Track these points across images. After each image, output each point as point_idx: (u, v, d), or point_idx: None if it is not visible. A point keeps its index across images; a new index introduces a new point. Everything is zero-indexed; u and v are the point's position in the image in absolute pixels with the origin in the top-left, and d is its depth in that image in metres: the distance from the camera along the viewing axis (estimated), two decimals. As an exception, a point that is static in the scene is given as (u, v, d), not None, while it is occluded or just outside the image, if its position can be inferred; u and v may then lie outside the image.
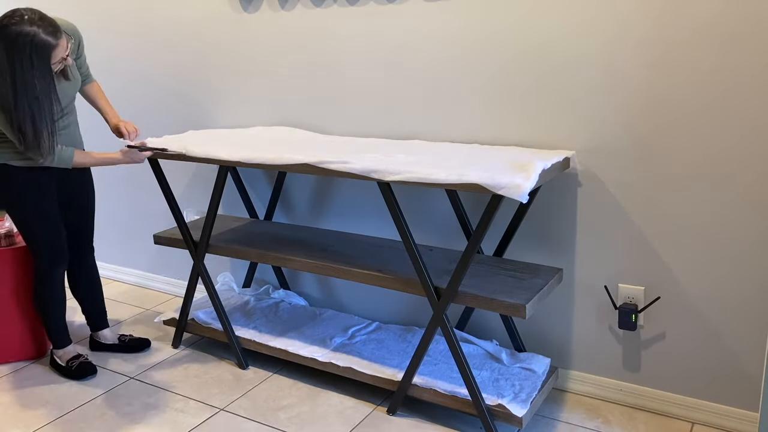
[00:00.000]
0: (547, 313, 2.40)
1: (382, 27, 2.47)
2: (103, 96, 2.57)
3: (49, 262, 2.47)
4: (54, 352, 2.65)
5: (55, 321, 2.58)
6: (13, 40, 2.03)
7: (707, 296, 2.11)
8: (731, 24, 1.90)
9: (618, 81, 2.09)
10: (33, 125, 2.13)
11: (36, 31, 2.04)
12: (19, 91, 2.08)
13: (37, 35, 2.05)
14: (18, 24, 2.03)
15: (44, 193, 2.38)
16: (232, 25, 2.84)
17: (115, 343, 2.79)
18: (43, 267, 2.48)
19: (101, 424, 2.29)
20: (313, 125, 2.74)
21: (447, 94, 2.40)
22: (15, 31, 2.03)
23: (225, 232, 2.70)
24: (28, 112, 2.11)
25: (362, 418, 2.27)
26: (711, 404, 2.17)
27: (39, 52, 2.07)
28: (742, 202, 2.00)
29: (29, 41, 2.04)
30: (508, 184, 1.81)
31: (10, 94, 2.08)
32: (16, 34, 2.03)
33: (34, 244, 2.44)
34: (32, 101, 2.10)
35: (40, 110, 2.13)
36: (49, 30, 2.08)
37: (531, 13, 2.19)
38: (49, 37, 2.07)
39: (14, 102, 2.09)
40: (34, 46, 2.05)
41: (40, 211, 2.39)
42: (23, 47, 2.04)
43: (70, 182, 2.51)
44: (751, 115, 1.93)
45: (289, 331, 2.64)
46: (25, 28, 2.03)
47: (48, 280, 2.51)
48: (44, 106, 2.14)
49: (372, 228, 2.70)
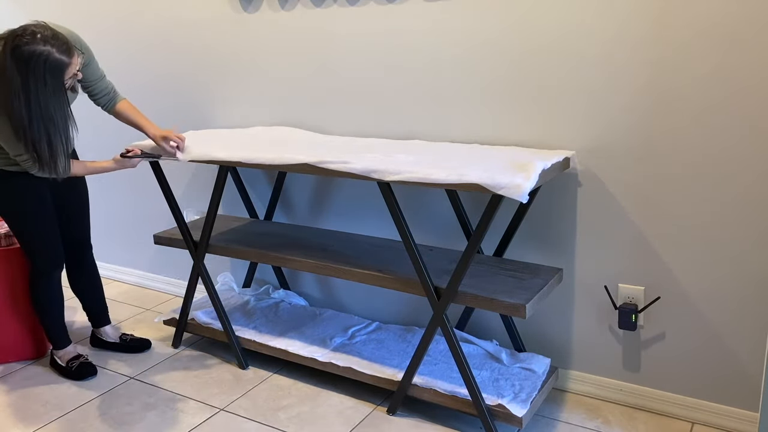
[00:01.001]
0: (547, 313, 2.40)
1: (382, 27, 2.47)
2: (138, 111, 2.47)
3: (46, 265, 2.46)
4: (54, 353, 2.65)
5: (53, 322, 2.58)
6: (26, 61, 1.98)
7: (707, 296, 2.11)
8: (732, 24, 1.90)
9: (618, 81, 2.09)
10: (48, 145, 2.10)
11: (50, 51, 1.99)
12: (34, 110, 2.04)
13: (51, 54, 2.00)
14: (31, 43, 1.98)
15: (39, 197, 2.37)
16: (232, 25, 2.84)
17: (116, 341, 2.80)
18: (40, 270, 2.47)
19: (101, 424, 2.29)
20: (313, 125, 2.74)
21: (447, 94, 2.40)
22: (28, 51, 1.98)
23: (225, 232, 2.70)
24: (43, 132, 2.07)
25: (362, 418, 2.27)
26: (711, 404, 2.17)
27: (53, 72, 2.02)
28: (742, 202, 2.00)
29: (43, 61, 1.99)
30: (508, 184, 1.81)
31: (25, 114, 2.03)
32: (29, 53, 1.98)
33: (30, 247, 2.43)
34: (47, 121, 2.07)
35: (56, 129, 2.09)
36: (63, 48, 2.03)
37: (531, 13, 2.18)
38: (63, 56, 2.03)
39: (29, 122, 2.04)
40: (48, 66, 2.00)
41: (35, 214, 2.38)
42: (37, 67, 1.99)
43: (63, 184, 2.48)
44: (751, 115, 1.93)
45: (289, 331, 2.64)
46: (38, 48, 1.98)
47: (45, 283, 2.50)
48: (59, 125, 2.10)
49: (372, 228, 2.70)
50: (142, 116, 2.45)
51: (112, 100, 2.44)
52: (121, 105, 2.45)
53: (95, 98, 2.42)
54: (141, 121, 2.43)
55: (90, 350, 2.81)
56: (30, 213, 2.37)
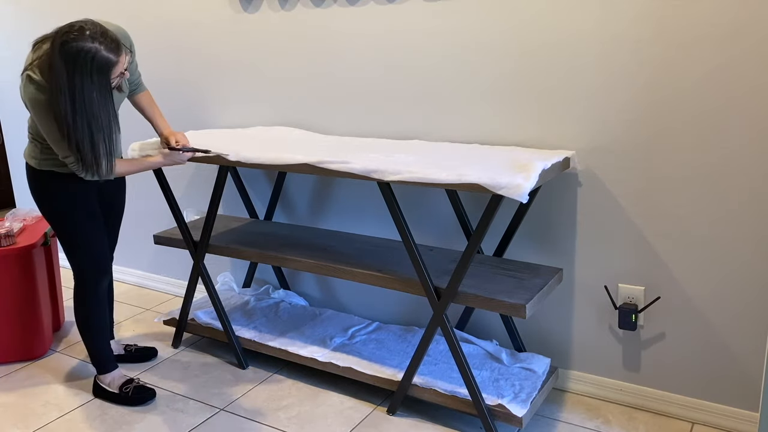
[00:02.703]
0: (547, 313, 2.40)
1: (382, 27, 2.47)
2: (156, 106, 2.43)
3: (95, 274, 2.32)
4: (99, 379, 2.44)
5: (100, 341, 2.41)
6: (74, 57, 1.92)
7: (707, 296, 2.11)
8: (733, 25, 1.90)
9: (618, 81, 2.09)
10: (92, 144, 2.03)
11: (97, 48, 1.93)
12: (78, 109, 1.97)
13: (98, 52, 1.93)
14: (78, 40, 1.92)
15: (89, 201, 2.27)
16: (232, 25, 2.84)
17: (120, 353, 2.68)
18: (88, 279, 2.32)
19: (101, 424, 2.29)
20: (313, 125, 2.74)
21: (447, 94, 2.40)
22: (76, 48, 1.91)
23: (225, 232, 2.70)
24: (86, 131, 2.00)
25: (362, 418, 2.27)
26: (711, 404, 2.17)
27: (99, 70, 1.96)
28: (742, 202, 2.00)
29: (90, 58, 1.93)
30: (508, 184, 1.81)
31: (69, 112, 1.96)
32: (77, 50, 1.92)
33: (78, 255, 2.29)
34: (91, 119, 2.00)
35: (99, 128, 2.02)
36: (111, 46, 1.97)
37: (531, 14, 2.18)
38: (111, 54, 1.96)
39: (72, 120, 1.97)
40: (95, 64, 1.94)
41: (86, 220, 2.26)
42: (84, 64, 1.93)
43: (109, 186, 2.37)
44: (751, 115, 1.93)
45: (289, 331, 2.64)
46: (86, 45, 1.92)
47: (93, 294, 2.34)
48: (103, 124, 2.03)
49: (372, 228, 2.70)
50: (159, 112, 2.42)
51: (136, 90, 2.38)
52: (142, 95, 2.40)
53: None
54: (156, 117, 2.40)
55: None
56: (79, 216, 2.25)
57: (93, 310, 2.36)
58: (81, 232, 2.26)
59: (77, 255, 2.29)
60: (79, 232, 2.26)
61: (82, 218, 2.25)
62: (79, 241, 2.27)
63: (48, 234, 2.85)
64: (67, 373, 2.65)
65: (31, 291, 2.71)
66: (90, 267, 2.31)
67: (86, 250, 2.28)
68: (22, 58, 3.65)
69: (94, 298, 2.34)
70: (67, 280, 3.64)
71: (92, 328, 2.38)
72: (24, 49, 3.64)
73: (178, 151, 2.29)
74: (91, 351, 2.41)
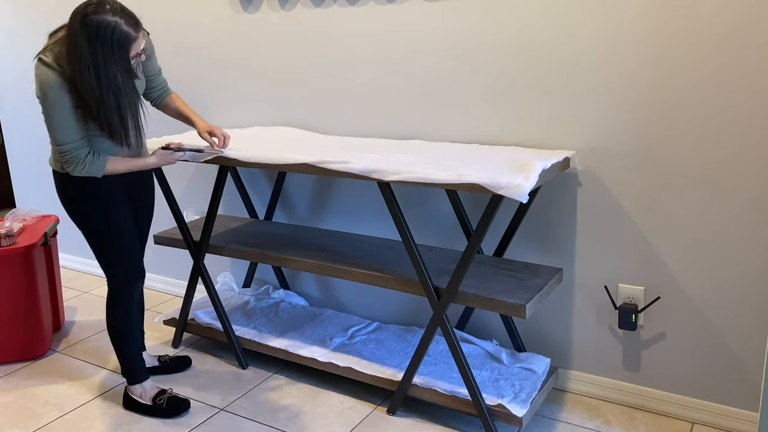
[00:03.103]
0: (547, 313, 2.40)
1: (382, 27, 2.47)
2: (186, 104, 2.41)
3: (127, 279, 2.25)
4: (131, 390, 2.35)
5: (132, 350, 2.33)
6: (96, 29, 1.92)
7: (707, 296, 2.11)
8: (735, 26, 1.90)
9: (619, 81, 2.09)
10: (120, 117, 2.03)
11: (118, 21, 1.93)
12: (103, 82, 1.96)
13: (119, 25, 1.94)
14: (99, 12, 1.92)
15: (119, 205, 2.21)
16: (232, 25, 2.84)
17: (154, 365, 2.58)
18: (121, 285, 2.25)
19: (101, 424, 2.29)
20: (313, 125, 2.74)
21: (447, 94, 2.40)
22: (96, 20, 1.92)
23: (225, 232, 2.70)
24: (114, 104, 2.00)
25: (362, 418, 2.27)
26: (711, 404, 2.17)
27: (120, 43, 1.95)
28: (743, 202, 2.00)
29: (111, 31, 1.93)
30: (508, 184, 1.81)
31: (95, 86, 1.96)
32: (98, 22, 1.92)
33: (110, 260, 2.22)
34: (117, 93, 2.00)
35: (125, 102, 2.03)
36: (131, 22, 1.97)
37: (531, 14, 2.18)
38: (130, 29, 1.97)
39: (99, 94, 1.97)
40: (116, 37, 1.94)
41: (118, 224, 2.20)
42: (105, 37, 1.93)
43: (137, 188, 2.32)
44: (751, 115, 1.93)
45: (289, 331, 2.64)
46: (107, 18, 1.92)
47: (125, 301, 2.27)
48: (128, 98, 2.03)
49: (372, 228, 2.70)
50: (190, 109, 2.39)
51: (162, 94, 2.38)
52: (170, 98, 2.39)
53: (149, 92, 2.34)
54: (189, 113, 2.37)
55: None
56: (112, 222, 2.19)
57: (123, 318, 2.29)
58: (111, 237, 2.20)
59: (109, 262, 2.23)
60: (108, 236, 2.20)
61: (113, 223, 2.20)
62: (108, 246, 2.21)
63: (48, 234, 2.85)
64: (67, 373, 2.65)
65: (31, 291, 2.70)
66: (122, 274, 2.24)
67: (117, 256, 2.22)
68: (22, 57, 3.65)
69: (125, 306, 2.28)
70: (67, 280, 3.65)
71: (123, 336, 2.31)
72: (23, 48, 3.64)
73: (172, 151, 2.27)
74: (121, 360, 2.34)
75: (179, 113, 2.39)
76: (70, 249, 3.81)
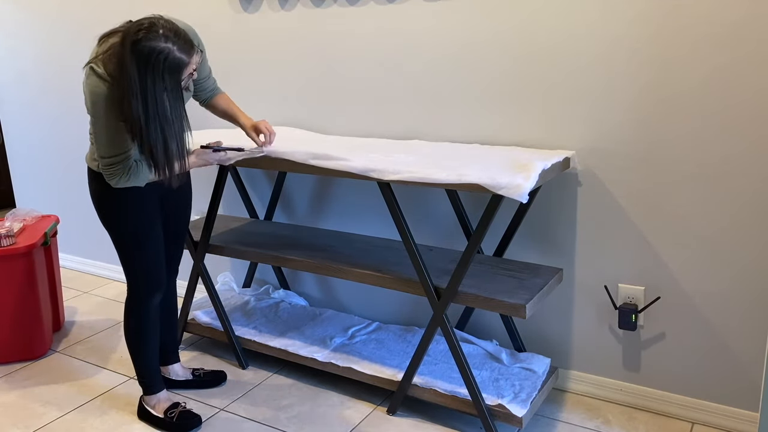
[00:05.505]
0: (547, 313, 2.40)
1: (382, 27, 2.47)
2: (233, 102, 2.33)
3: (148, 290, 2.19)
4: (145, 401, 2.30)
5: (148, 360, 2.27)
6: (146, 57, 1.83)
7: (707, 296, 2.11)
8: (734, 25, 1.90)
9: (619, 81, 2.09)
10: (165, 148, 1.92)
11: (170, 48, 1.84)
12: (151, 113, 1.87)
13: (171, 53, 1.84)
14: (151, 39, 1.83)
15: (151, 208, 2.15)
16: (232, 25, 2.84)
17: (188, 378, 2.50)
18: (141, 295, 2.19)
19: (101, 424, 2.29)
20: (313, 125, 2.74)
21: (447, 94, 2.40)
22: (148, 48, 1.82)
23: (225, 232, 2.70)
24: (159, 133, 1.90)
25: (362, 418, 2.27)
26: (711, 404, 2.17)
27: (171, 70, 1.87)
28: (742, 202, 2.00)
29: (163, 59, 1.84)
30: (508, 184, 1.81)
31: (142, 116, 1.86)
32: (150, 50, 1.82)
33: (133, 267, 2.17)
34: (164, 123, 1.90)
35: (172, 132, 1.92)
36: (184, 47, 1.88)
37: (531, 14, 2.18)
38: (183, 55, 1.88)
39: (146, 124, 1.87)
40: (167, 64, 1.85)
41: (144, 228, 2.13)
42: (156, 65, 1.84)
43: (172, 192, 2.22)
44: (751, 115, 1.93)
45: (289, 331, 2.64)
46: (159, 45, 1.83)
47: (144, 310, 2.21)
48: (176, 128, 1.93)
49: (372, 228, 2.70)
50: (237, 107, 2.32)
51: (211, 95, 2.30)
52: (219, 97, 2.31)
53: (198, 93, 2.27)
54: (235, 111, 2.29)
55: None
56: (138, 224, 2.13)
57: (142, 325, 2.23)
58: (141, 248, 2.14)
59: (132, 270, 2.18)
60: (139, 247, 2.14)
61: (141, 226, 2.13)
62: (137, 256, 2.15)
63: (48, 234, 2.85)
64: (67, 373, 2.65)
65: (31, 291, 2.70)
66: (143, 284, 2.18)
67: (143, 267, 2.17)
68: (22, 57, 3.65)
69: (140, 316, 2.21)
70: (67, 280, 3.64)
71: (140, 344, 2.25)
72: (23, 48, 3.64)
73: (212, 150, 2.18)
74: (136, 368, 2.29)
75: (225, 113, 2.31)
76: (70, 249, 3.81)
